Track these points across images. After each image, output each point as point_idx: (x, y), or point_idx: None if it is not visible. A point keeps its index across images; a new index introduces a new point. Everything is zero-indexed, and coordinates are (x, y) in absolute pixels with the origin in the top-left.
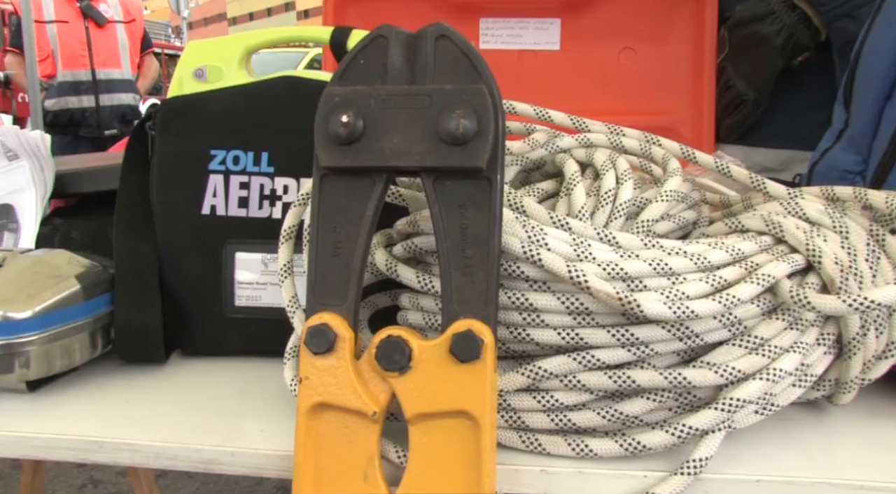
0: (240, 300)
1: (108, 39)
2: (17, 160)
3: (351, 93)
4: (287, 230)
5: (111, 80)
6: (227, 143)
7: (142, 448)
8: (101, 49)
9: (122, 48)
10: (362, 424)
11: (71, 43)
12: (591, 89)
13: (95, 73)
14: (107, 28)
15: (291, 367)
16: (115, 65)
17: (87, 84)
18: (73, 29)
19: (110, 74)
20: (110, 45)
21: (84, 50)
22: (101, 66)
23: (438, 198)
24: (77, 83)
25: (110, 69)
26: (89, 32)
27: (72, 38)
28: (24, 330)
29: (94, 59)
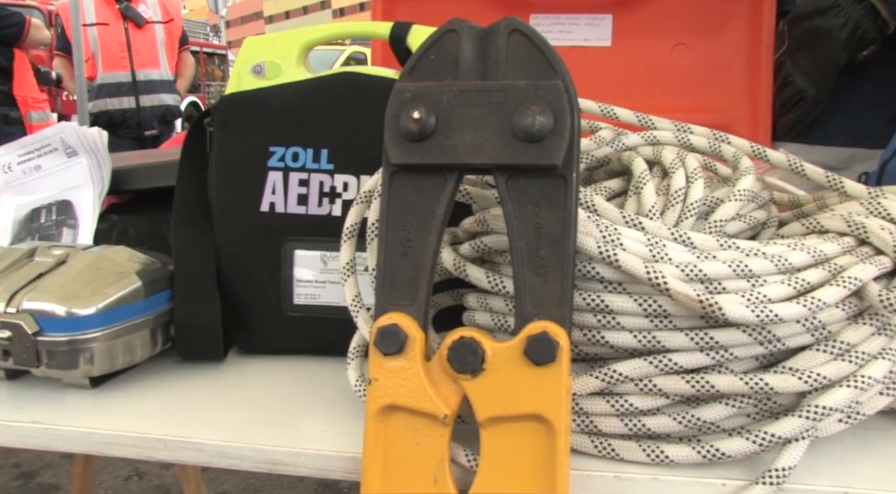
0: (298, 298)
1: (147, 40)
2: (76, 156)
3: (422, 89)
4: (349, 228)
5: (150, 81)
6: (287, 140)
7: (206, 448)
8: (141, 50)
9: (160, 48)
10: (432, 427)
11: (111, 45)
12: (643, 86)
13: (135, 74)
14: (146, 28)
15: (356, 368)
16: (154, 65)
17: (127, 85)
18: (113, 31)
19: (150, 75)
20: (149, 46)
21: (124, 51)
22: (141, 67)
23: (512, 196)
24: (117, 85)
25: (150, 70)
26: (129, 34)
27: (112, 40)
28: (88, 326)
29: (133, 60)
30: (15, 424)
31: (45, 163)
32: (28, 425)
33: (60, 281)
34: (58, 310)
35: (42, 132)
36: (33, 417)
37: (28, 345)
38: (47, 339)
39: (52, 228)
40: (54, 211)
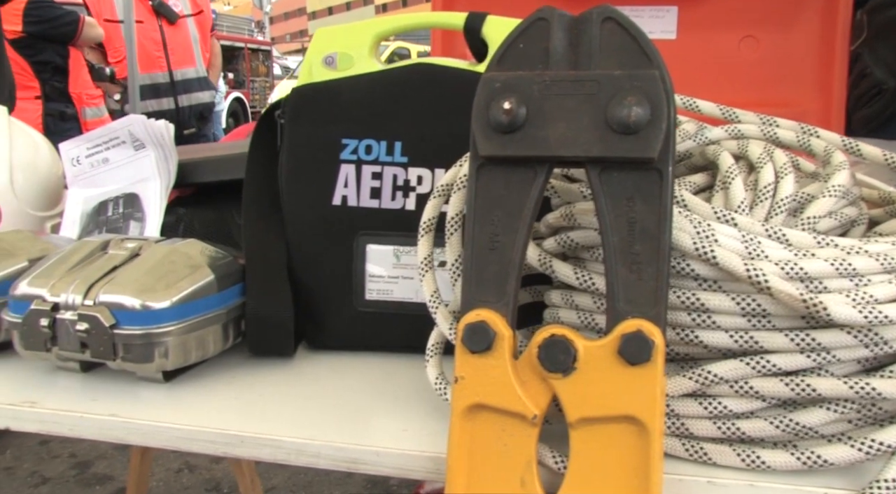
0: (370, 294)
1: (181, 37)
2: (144, 149)
3: (512, 79)
4: (426, 222)
5: (187, 80)
6: (360, 132)
7: (284, 445)
8: (176, 48)
9: (194, 44)
10: (520, 427)
11: (146, 44)
12: (709, 80)
13: (173, 74)
14: (178, 24)
15: (435, 365)
16: (189, 63)
17: (165, 86)
18: (148, 29)
19: (186, 74)
20: (184, 43)
21: (160, 50)
22: (177, 66)
23: (604, 189)
24: (155, 86)
25: (186, 68)
26: (163, 31)
27: (147, 39)
28: (162, 319)
29: (170, 59)
30: (94, 416)
31: (113, 156)
32: (106, 418)
33: (135, 274)
34: (133, 303)
35: (111, 125)
36: (111, 410)
37: (105, 338)
38: (123, 332)
39: (119, 221)
40: (121, 204)
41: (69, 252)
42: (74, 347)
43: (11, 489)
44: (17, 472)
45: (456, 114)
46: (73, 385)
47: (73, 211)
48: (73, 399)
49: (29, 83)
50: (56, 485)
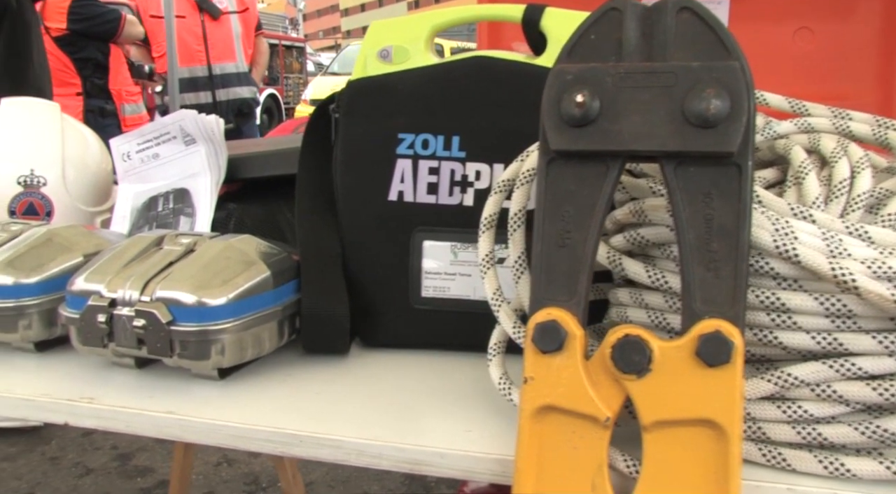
0: (427, 290)
1: (222, 32)
2: (194, 144)
3: (585, 71)
4: (487, 218)
5: (226, 75)
6: (416, 127)
7: (344, 445)
8: (217, 43)
9: (236, 39)
10: (591, 429)
11: (187, 38)
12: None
13: (211, 68)
14: (221, 20)
15: (498, 365)
16: (229, 58)
17: (203, 80)
18: (190, 23)
19: (225, 68)
20: (225, 38)
21: (200, 45)
22: (217, 61)
23: (680, 185)
24: (193, 79)
25: (225, 63)
26: (205, 26)
27: (188, 33)
28: (219, 316)
29: (209, 53)
30: (151, 413)
31: (164, 152)
32: (163, 415)
33: (191, 270)
34: (190, 300)
35: (161, 120)
36: (167, 407)
37: (162, 335)
38: (180, 329)
39: (169, 216)
40: (171, 199)
41: (124, 247)
42: (131, 343)
43: (57, 479)
44: (61, 462)
45: (515, 108)
46: (128, 381)
47: (123, 206)
48: (129, 395)
49: (71, 80)
50: (99, 476)
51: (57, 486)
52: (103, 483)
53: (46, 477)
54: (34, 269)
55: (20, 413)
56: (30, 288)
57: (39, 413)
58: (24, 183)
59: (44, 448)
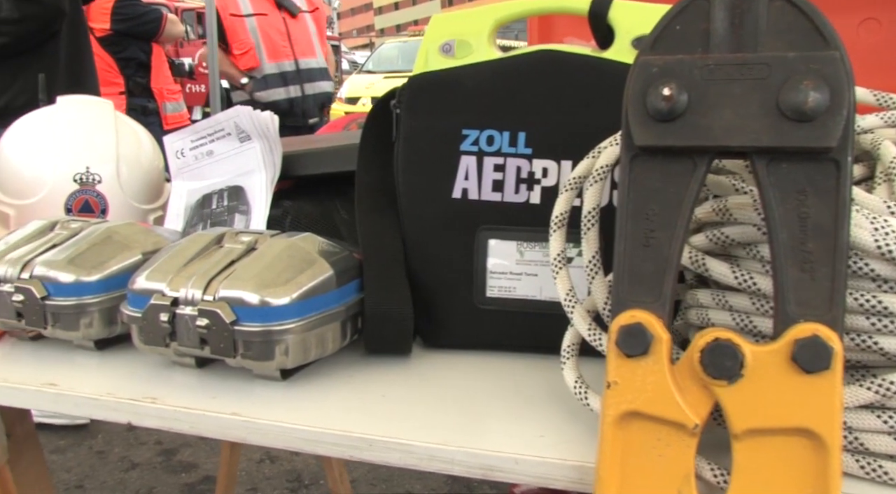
0: (492, 290)
1: (302, 29)
2: (249, 141)
3: (672, 64)
4: (558, 217)
5: (310, 69)
6: (481, 122)
7: (415, 450)
8: (300, 39)
9: (314, 36)
10: (678, 437)
11: (272, 35)
12: None
13: (298, 63)
14: (299, 18)
15: (573, 368)
16: (311, 54)
17: (291, 74)
18: (273, 21)
19: (309, 63)
20: (305, 35)
21: (285, 41)
22: (301, 56)
23: (772, 182)
24: (283, 74)
25: (308, 58)
26: (287, 23)
27: (273, 30)
28: (283, 316)
29: (294, 49)
30: (215, 415)
31: (218, 148)
32: (227, 416)
33: (254, 269)
34: (253, 299)
35: (216, 116)
36: (231, 408)
37: (226, 335)
38: (244, 329)
39: (223, 214)
40: (226, 196)
41: (184, 245)
42: (194, 343)
43: (104, 472)
44: (108, 456)
45: (585, 103)
46: (189, 381)
47: (176, 203)
48: (192, 395)
49: (114, 79)
50: (144, 471)
51: (104, 479)
52: (149, 478)
53: (94, 471)
54: (95, 267)
55: (84, 411)
56: (91, 287)
57: (103, 412)
58: (80, 180)
59: (91, 442)
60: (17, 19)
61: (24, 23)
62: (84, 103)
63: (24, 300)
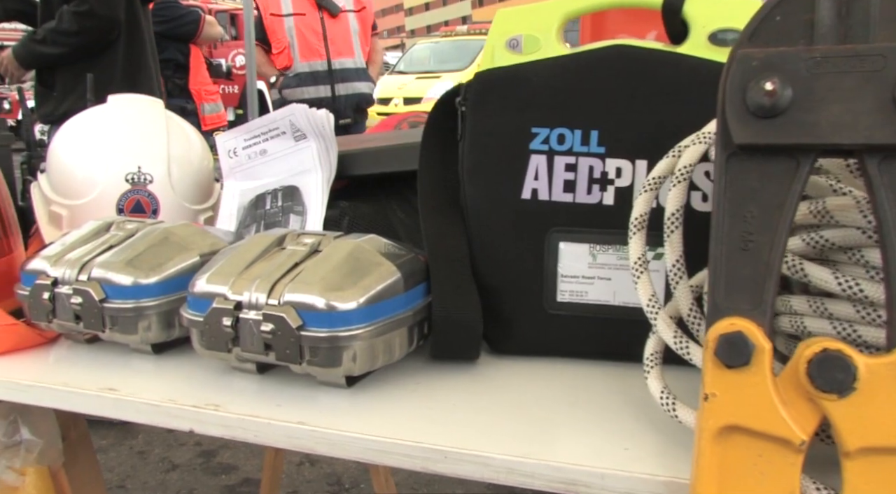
0: (562, 295)
1: (341, 29)
2: (305, 140)
3: (774, 56)
4: (638, 219)
5: (345, 69)
6: (552, 120)
7: (492, 462)
8: (336, 39)
9: (354, 36)
10: (782, 453)
11: (308, 34)
12: None
13: (331, 63)
14: (340, 18)
15: (658, 377)
16: (348, 54)
17: (323, 74)
18: (310, 20)
19: (344, 64)
20: (343, 35)
21: (320, 41)
22: (336, 56)
23: (885, 182)
24: (314, 73)
25: (344, 58)
26: (324, 23)
27: (308, 29)
28: (350, 322)
29: (329, 49)
30: (281, 424)
31: (272, 148)
32: (294, 425)
33: (320, 272)
34: (320, 304)
35: (271, 115)
36: (297, 417)
37: (292, 340)
38: (310, 335)
39: (277, 215)
40: (280, 196)
41: (245, 247)
42: (258, 349)
43: (145, 473)
44: (148, 457)
45: (661, 99)
46: (250, 387)
47: (229, 204)
48: (255, 403)
49: None
50: (184, 472)
51: (145, 480)
52: (189, 480)
53: (135, 471)
54: (153, 269)
55: (145, 418)
56: (149, 289)
57: (165, 419)
58: (132, 180)
59: (132, 442)
60: (76, 31)
61: (81, 35)
62: (135, 102)
63: (83, 302)
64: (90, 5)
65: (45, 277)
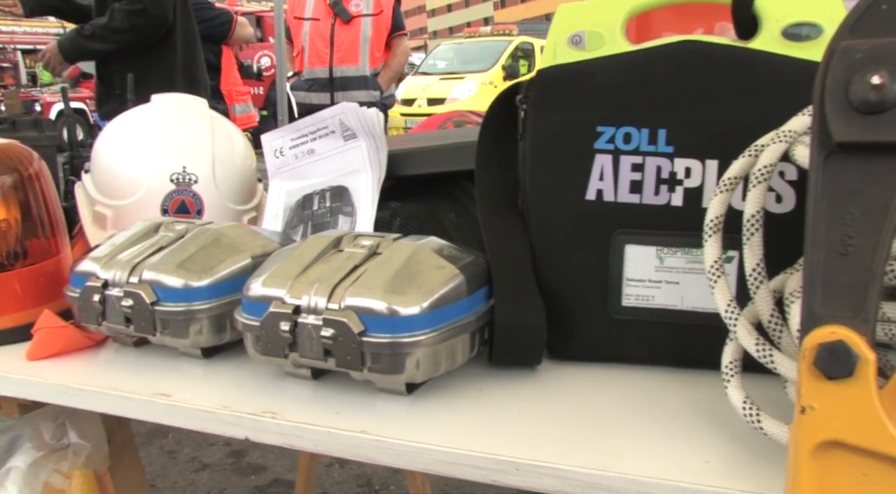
0: (628, 299)
1: (349, 35)
2: (354, 139)
3: (881, 48)
4: (714, 220)
5: (346, 78)
6: (617, 119)
7: (568, 475)
8: (342, 45)
9: (363, 43)
10: (888, 473)
11: (316, 41)
12: None
13: (332, 71)
14: (352, 23)
15: (739, 386)
16: (352, 61)
17: (323, 81)
18: (321, 27)
19: (346, 71)
20: (351, 41)
21: (326, 47)
22: (339, 63)
23: None
24: (316, 80)
25: (346, 66)
26: (334, 29)
27: (318, 36)
28: (414, 327)
29: (333, 56)
30: (342, 432)
31: (320, 147)
32: (356, 435)
33: (382, 275)
34: (382, 308)
35: (320, 114)
36: (358, 426)
37: (353, 346)
38: (372, 340)
39: (326, 215)
40: (328, 197)
41: (300, 250)
42: (317, 355)
43: (175, 472)
44: (178, 456)
45: (732, 97)
46: (306, 393)
47: (274, 204)
48: (313, 410)
49: None
50: (214, 472)
51: (175, 479)
52: (219, 480)
53: (165, 471)
54: (205, 271)
55: (198, 425)
56: (200, 292)
57: (220, 427)
58: (177, 180)
59: (161, 441)
60: (127, 29)
61: (131, 33)
62: (179, 101)
63: (134, 305)
64: (144, 4)
65: (96, 279)
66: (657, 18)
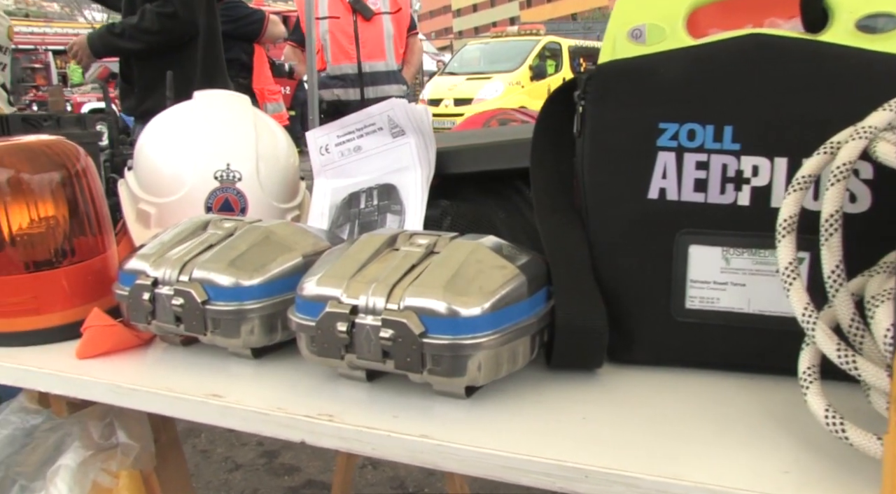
0: (692, 301)
1: (374, 31)
2: (403, 136)
3: None
4: (787, 220)
5: (375, 72)
6: (681, 115)
7: (641, 484)
8: (368, 41)
9: (387, 39)
10: None
11: (340, 37)
12: None
13: (361, 66)
14: (374, 21)
15: (819, 393)
16: (379, 57)
17: (353, 76)
18: (343, 24)
19: (375, 66)
20: (376, 37)
21: (352, 44)
22: (367, 59)
23: None
24: (344, 76)
25: (375, 61)
26: (357, 26)
27: (341, 32)
28: (476, 329)
29: (360, 51)
30: (402, 437)
31: (367, 144)
32: (417, 439)
33: (441, 275)
34: (442, 309)
35: (367, 110)
36: (418, 430)
37: (413, 348)
38: (432, 342)
39: (373, 214)
40: (375, 195)
41: (354, 248)
42: (375, 356)
43: (209, 472)
44: (212, 456)
45: (802, 92)
46: (360, 395)
47: (320, 202)
48: (370, 413)
49: None
50: (247, 472)
51: (209, 479)
52: (252, 480)
53: (199, 470)
54: (256, 270)
55: (252, 427)
56: (251, 291)
57: (274, 429)
58: (221, 178)
59: (194, 440)
60: (157, 31)
61: (161, 34)
62: (222, 98)
63: (184, 304)
64: (175, 8)
65: (146, 277)
66: (703, 14)
